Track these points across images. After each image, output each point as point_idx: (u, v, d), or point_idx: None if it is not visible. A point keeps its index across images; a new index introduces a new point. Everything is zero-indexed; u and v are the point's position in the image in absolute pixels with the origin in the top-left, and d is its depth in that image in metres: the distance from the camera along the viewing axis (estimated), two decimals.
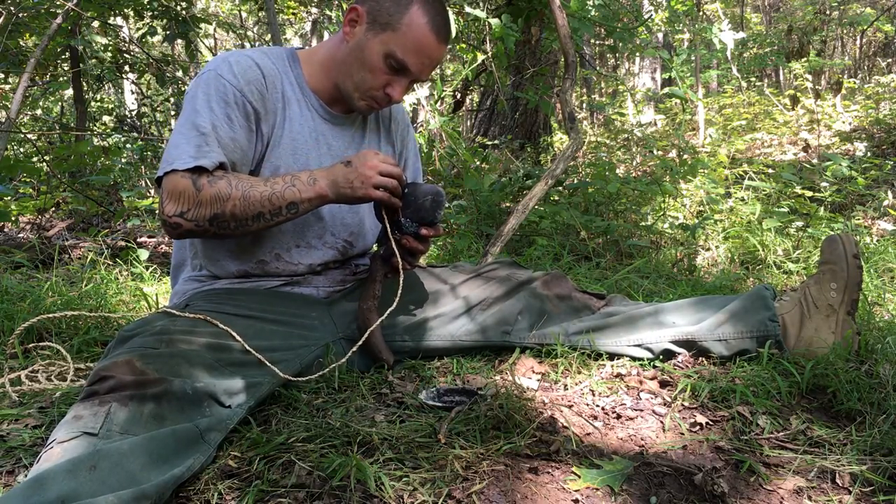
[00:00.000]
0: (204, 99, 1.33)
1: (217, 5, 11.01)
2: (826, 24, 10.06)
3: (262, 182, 1.32)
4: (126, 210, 3.84)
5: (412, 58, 1.37)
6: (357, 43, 1.39)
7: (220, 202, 1.27)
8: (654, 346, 1.49)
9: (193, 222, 1.28)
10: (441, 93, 4.00)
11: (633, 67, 11.81)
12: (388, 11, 1.36)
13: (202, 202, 1.27)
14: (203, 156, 1.28)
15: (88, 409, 0.98)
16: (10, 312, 1.85)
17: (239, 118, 1.35)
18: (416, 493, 0.97)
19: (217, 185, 1.28)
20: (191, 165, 1.27)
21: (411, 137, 1.70)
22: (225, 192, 1.28)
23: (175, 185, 1.28)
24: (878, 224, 3.67)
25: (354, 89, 1.42)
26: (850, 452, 1.12)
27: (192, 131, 1.31)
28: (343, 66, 1.42)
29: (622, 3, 4.57)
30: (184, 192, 1.27)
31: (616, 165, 4.63)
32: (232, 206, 1.28)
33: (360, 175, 1.33)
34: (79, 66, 5.26)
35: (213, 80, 1.34)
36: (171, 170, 1.28)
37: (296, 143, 1.44)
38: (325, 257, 1.52)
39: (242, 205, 1.28)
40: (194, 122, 1.31)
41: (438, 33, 1.38)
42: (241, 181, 1.30)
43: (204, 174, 1.29)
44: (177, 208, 1.28)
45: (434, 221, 1.43)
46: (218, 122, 1.32)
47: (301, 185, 1.32)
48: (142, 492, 0.88)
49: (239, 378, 1.17)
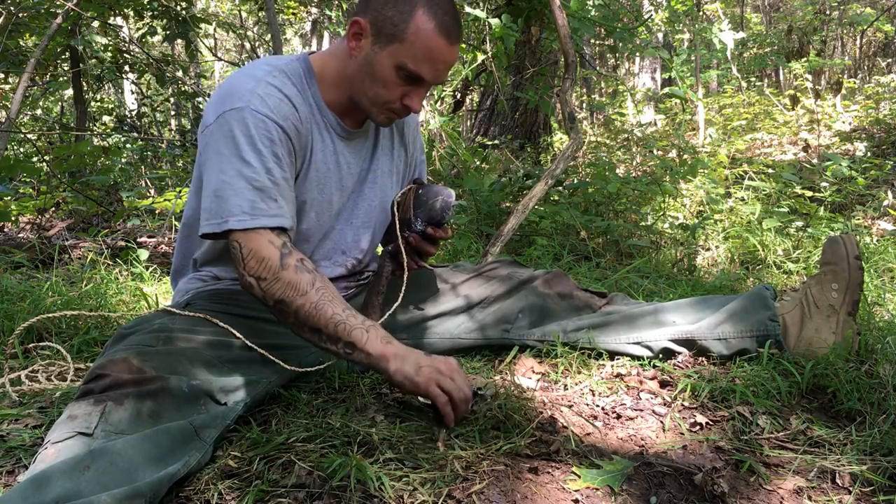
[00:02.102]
0: (246, 140, 1.23)
1: (217, 5, 11.01)
2: (826, 24, 10.07)
3: (340, 302, 1.23)
4: (126, 210, 3.84)
5: (425, 66, 1.29)
6: (365, 58, 1.31)
7: (294, 293, 1.20)
8: (653, 345, 1.49)
9: (262, 293, 1.21)
10: (441, 93, 4.00)
11: (633, 67, 11.81)
12: (392, 21, 1.27)
13: (280, 279, 1.20)
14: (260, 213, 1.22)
15: (83, 409, 0.98)
16: (10, 312, 1.85)
17: (285, 156, 1.28)
18: (416, 493, 0.97)
19: (301, 275, 1.20)
20: (272, 225, 1.22)
21: (419, 139, 1.69)
22: (304, 287, 1.20)
23: (260, 247, 1.21)
24: (878, 224, 3.67)
25: (371, 105, 1.35)
26: (850, 452, 1.12)
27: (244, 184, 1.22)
28: (355, 82, 1.35)
29: (622, 3, 4.57)
30: (267, 261, 1.20)
31: (616, 165, 4.63)
32: (301, 304, 1.20)
33: (433, 371, 1.19)
34: (79, 66, 5.26)
35: (251, 118, 1.24)
36: (260, 226, 1.22)
37: (319, 174, 1.39)
38: (331, 274, 1.50)
39: (311, 312, 1.20)
40: (243, 174, 1.22)
41: (448, 35, 1.29)
42: (325, 288, 1.22)
43: (295, 253, 1.23)
44: (255, 270, 1.21)
45: (442, 222, 1.44)
46: (269, 164, 1.24)
47: (373, 336, 1.21)
48: (136, 490, 0.88)
49: (237, 375, 1.17)
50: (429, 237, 1.44)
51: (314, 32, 10.78)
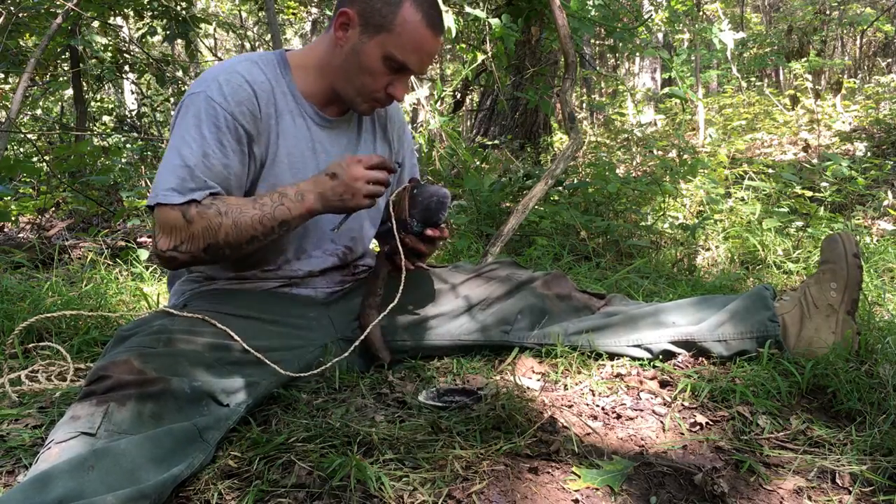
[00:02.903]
0: (194, 124, 1.30)
1: (217, 5, 11.01)
2: (826, 24, 10.07)
3: (250, 204, 1.30)
4: (126, 210, 3.83)
5: (412, 56, 1.36)
6: (352, 48, 1.36)
7: (211, 233, 1.26)
8: (653, 347, 1.49)
9: (188, 255, 1.27)
10: (441, 93, 4.00)
11: (633, 67, 11.81)
12: (379, 12, 1.32)
13: (194, 235, 1.26)
14: (188, 192, 1.26)
15: (86, 409, 0.98)
16: (10, 312, 1.85)
17: (231, 143, 1.32)
18: (416, 493, 0.97)
19: (207, 216, 1.26)
20: (177, 202, 1.26)
21: (408, 136, 1.69)
22: (216, 222, 1.26)
23: (166, 218, 1.26)
24: (878, 224, 3.67)
25: (356, 94, 1.41)
26: (850, 452, 1.12)
27: (178, 161, 1.28)
28: (341, 71, 1.39)
29: (622, 3, 4.57)
30: (175, 226, 1.26)
31: (616, 165, 4.63)
32: (224, 234, 1.27)
33: (348, 188, 1.32)
34: (79, 66, 5.26)
35: (204, 104, 1.30)
36: (157, 203, 1.27)
37: (292, 159, 1.41)
38: (324, 264, 1.52)
39: (235, 232, 1.27)
40: (181, 153, 1.28)
41: (434, 27, 1.36)
42: (230, 207, 1.28)
43: (193, 204, 1.26)
44: (170, 242, 1.26)
45: (438, 222, 1.44)
46: (209, 150, 1.29)
47: (290, 202, 1.31)
48: (140, 491, 0.88)
49: (238, 377, 1.17)
50: (425, 237, 1.44)
51: (314, 32, 10.78)
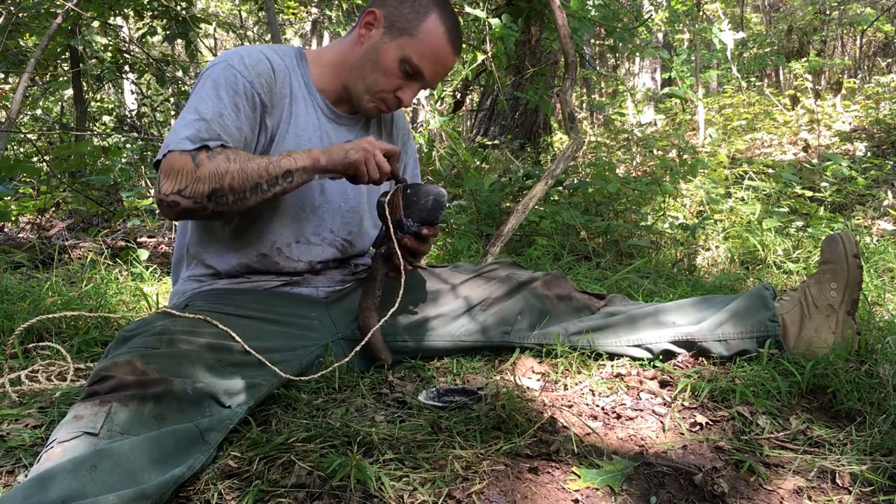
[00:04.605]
0: (212, 87, 1.33)
1: (217, 5, 11.01)
2: (826, 24, 10.07)
3: (258, 156, 1.32)
4: (126, 210, 3.84)
5: (427, 64, 1.41)
6: (372, 45, 1.42)
7: (218, 177, 1.25)
8: (653, 347, 1.49)
9: (192, 199, 1.26)
10: (441, 93, 4.00)
11: (633, 67, 11.81)
12: (406, 18, 1.39)
13: (200, 178, 1.25)
14: (200, 141, 1.28)
15: (89, 409, 0.98)
16: (10, 312, 1.85)
17: (246, 108, 1.36)
18: (416, 493, 0.97)
19: (216, 160, 1.26)
20: (189, 148, 1.27)
21: (411, 144, 1.71)
22: (223, 166, 1.26)
23: (173, 163, 1.26)
24: (878, 224, 3.67)
25: (365, 91, 1.44)
26: (850, 452, 1.12)
27: (193, 116, 1.30)
28: (356, 67, 1.44)
29: (622, 3, 4.57)
30: (182, 170, 1.26)
31: (616, 165, 4.63)
32: (230, 179, 1.26)
33: (356, 146, 1.34)
34: (79, 66, 5.26)
35: (224, 70, 1.35)
36: (169, 151, 1.27)
37: (300, 140, 1.44)
38: (324, 254, 1.52)
39: (240, 177, 1.27)
40: (198, 108, 1.31)
41: (454, 43, 1.42)
42: (238, 155, 1.29)
43: (203, 150, 1.28)
44: (174, 186, 1.25)
45: (435, 222, 1.44)
46: (225, 111, 1.32)
47: (296, 155, 1.32)
48: (142, 492, 0.88)
49: (239, 378, 1.17)
50: (421, 236, 1.44)
51: (314, 32, 10.78)
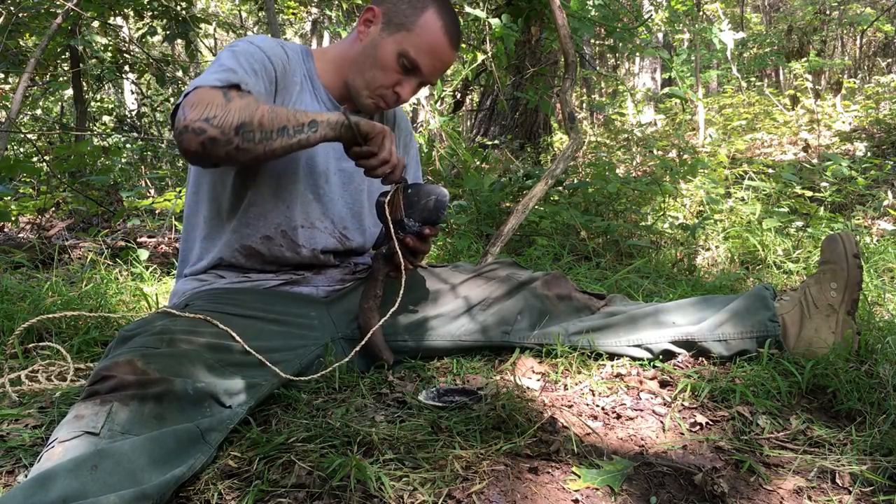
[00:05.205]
0: (232, 55, 1.33)
1: (217, 5, 11.01)
2: (826, 24, 10.07)
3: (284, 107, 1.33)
4: (126, 210, 3.84)
5: (425, 58, 1.42)
6: (371, 41, 1.44)
7: (249, 111, 1.21)
8: (653, 347, 1.49)
9: (219, 129, 1.18)
10: (441, 93, 4.00)
11: (633, 67, 11.81)
12: (403, 13, 1.42)
13: (231, 109, 1.21)
14: (230, 84, 1.27)
15: (90, 409, 0.98)
16: (10, 312, 1.85)
17: (264, 79, 1.36)
18: (416, 493, 0.97)
19: (246, 98, 1.24)
20: (219, 85, 1.25)
21: (413, 145, 1.71)
22: (253, 104, 1.23)
23: (202, 96, 1.22)
24: (878, 224, 3.67)
25: (364, 87, 1.46)
26: (850, 452, 1.12)
27: (219, 68, 1.29)
28: (355, 63, 1.46)
29: (622, 3, 4.57)
30: (213, 101, 1.21)
31: (616, 165, 4.63)
32: (260, 115, 1.22)
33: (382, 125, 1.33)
34: (79, 66, 5.27)
35: (243, 44, 1.37)
36: (197, 87, 1.24)
37: None
38: (326, 243, 1.52)
39: (270, 116, 1.23)
40: (223, 65, 1.30)
41: (451, 38, 1.43)
42: (266, 100, 1.33)
43: (234, 88, 1.27)
44: (202, 113, 1.19)
45: (437, 222, 1.44)
46: (246, 76, 1.31)
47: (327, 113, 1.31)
48: (143, 492, 0.88)
49: (239, 378, 1.17)
50: (422, 236, 1.44)
51: (314, 32, 10.78)
